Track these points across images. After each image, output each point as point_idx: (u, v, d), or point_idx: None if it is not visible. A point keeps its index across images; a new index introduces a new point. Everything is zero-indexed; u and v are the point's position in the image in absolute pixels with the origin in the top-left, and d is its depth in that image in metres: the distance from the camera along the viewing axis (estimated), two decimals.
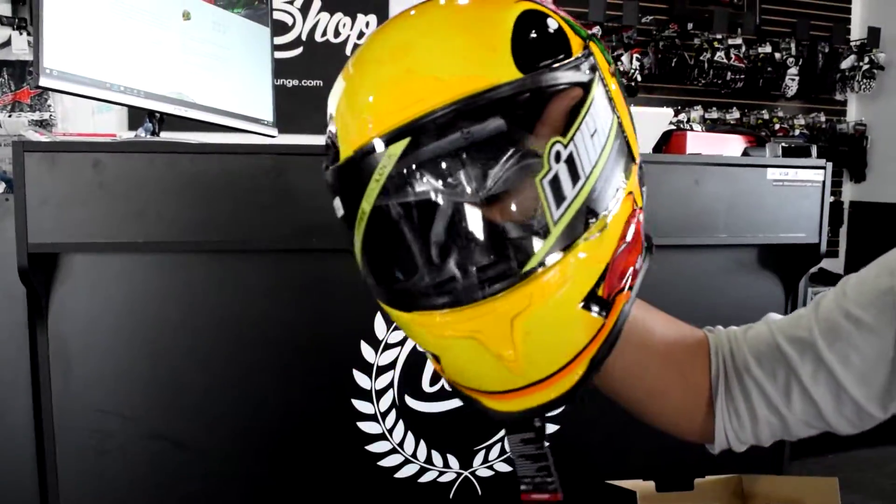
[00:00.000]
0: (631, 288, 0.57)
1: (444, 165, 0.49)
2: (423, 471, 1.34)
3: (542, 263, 0.49)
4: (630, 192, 0.56)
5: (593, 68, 0.53)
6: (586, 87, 0.52)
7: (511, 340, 0.50)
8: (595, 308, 0.53)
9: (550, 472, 0.59)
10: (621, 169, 0.55)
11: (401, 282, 0.54)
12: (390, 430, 1.32)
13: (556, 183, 0.49)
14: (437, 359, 0.57)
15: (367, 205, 0.51)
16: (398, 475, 1.33)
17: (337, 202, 0.55)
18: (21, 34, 3.11)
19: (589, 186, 0.51)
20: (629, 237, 0.55)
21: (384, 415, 1.31)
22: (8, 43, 3.14)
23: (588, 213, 0.51)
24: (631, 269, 0.56)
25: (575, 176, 0.50)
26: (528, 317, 0.50)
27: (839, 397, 0.65)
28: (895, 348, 0.63)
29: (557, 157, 0.49)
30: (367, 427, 1.30)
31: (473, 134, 0.48)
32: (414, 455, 1.33)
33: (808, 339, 0.67)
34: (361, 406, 1.30)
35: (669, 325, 0.74)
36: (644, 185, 0.59)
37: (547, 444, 0.59)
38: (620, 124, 0.56)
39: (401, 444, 1.32)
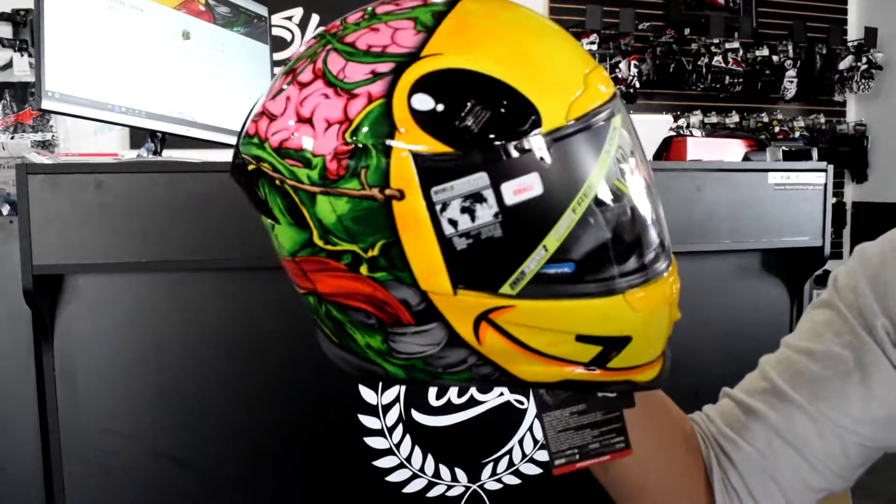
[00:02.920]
0: None
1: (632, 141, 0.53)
2: (431, 485, 1.34)
3: None
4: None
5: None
6: None
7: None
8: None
9: (621, 430, 0.60)
10: None
11: (624, 262, 0.52)
12: (397, 445, 1.31)
13: None
14: (613, 347, 0.53)
15: (595, 179, 0.48)
16: (406, 490, 1.32)
17: (534, 178, 0.46)
18: (22, 56, 3.13)
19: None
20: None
21: (391, 430, 1.31)
22: (10, 65, 3.16)
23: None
24: None
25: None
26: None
27: (821, 433, 0.63)
28: (853, 356, 0.62)
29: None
30: (374, 442, 1.30)
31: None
32: (422, 469, 1.33)
33: (770, 387, 0.66)
34: (368, 421, 1.29)
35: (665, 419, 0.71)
36: None
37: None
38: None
39: (408, 459, 1.32)
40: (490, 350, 0.52)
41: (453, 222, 0.46)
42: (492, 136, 0.45)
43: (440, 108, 0.46)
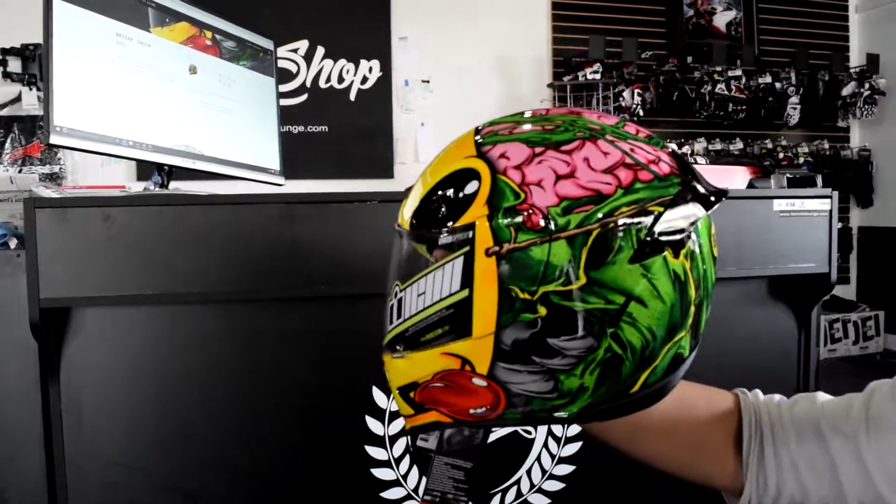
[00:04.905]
0: (459, 420, 0.66)
1: None
2: None
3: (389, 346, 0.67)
4: (455, 355, 0.61)
5: (463, 242, 0.58)
6: (455, 251, 0.59)
7: None
8: (407, 401, 0.67)
9: (468, 492, 0.73)
10: (444, 334, 0.61)
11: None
12: (404, 476, 1.30)
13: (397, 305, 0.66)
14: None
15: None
16: None
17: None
18: (31, 90, 3.18)
19: (403, 326, 0.64)
20: (441, 384, 0.63)
21: (398, 460, 1.30)
22: (18, 99, 3.21)
23: (401, 340, 0.65)
24: (464, 407, 0.64)
25: (400, 313, 0.65)
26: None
27: (867, 489, 0.66)
28: None
29: (395, 294, 0.66)
30: (382, 474, 1.29)
31: None
32: None
33: (852, 434, 0.67)
34: (375, 452, 1.28)
35: (697, 388, 0.79)
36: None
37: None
38: (468, 301, 0.58)
39: (416, 490, 1.31)
40: None
41: None
42: None
43: None
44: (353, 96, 3.68)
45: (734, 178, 1.70)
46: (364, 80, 3.69)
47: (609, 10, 4.11)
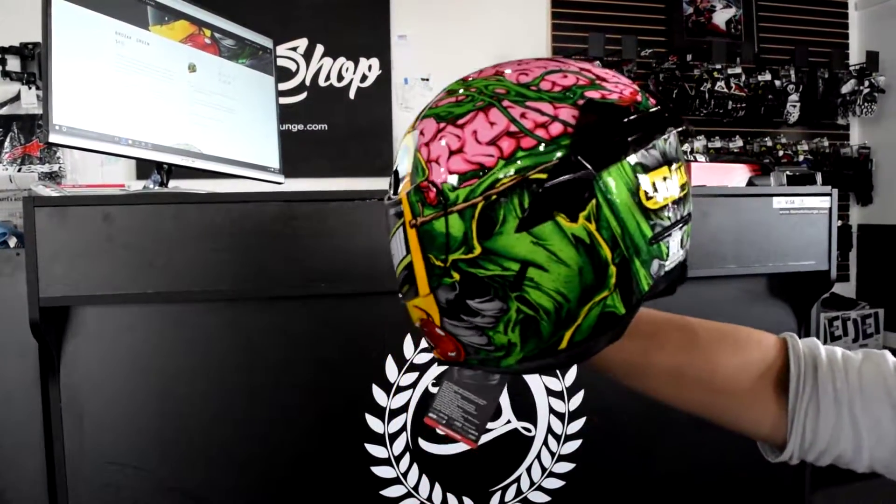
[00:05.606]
0: (445, 360, 0.71)
1: None
2: None
3: None
4: (419, 307, 0.67)
5: (399, 214, 0.65)
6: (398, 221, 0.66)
7: None
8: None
9: (479, 428, 0.76)
10: (408, 290, 0.67)
11: None
12: (405, 474, 1.30)
13: None
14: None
15: None
16: None
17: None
18: (30, 89, 3.17)
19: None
20: (426, 328, 0.69)
21: (398, 458, 1.30)
22: (17, 97, 3.20)
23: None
24: (443, 350, 0.70)
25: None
26: None
27: None
28: None
29: None
30: (381, 472, 1.29)
31: None
32: (429, 499, 1.32)
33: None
34: (375, 450, 1.29)
35: (724, 331, 0.76)
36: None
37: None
38: (410, 264, 0.64)
39: (416, 488, 1.31)
40: None
41: None
42: None
43: None
44: (352, 94, 3.67)
45: (734, 175, 1.70)
46: (363, 78, 3.68)
47: (609, 7, 4.10)
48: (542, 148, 0.58)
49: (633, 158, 0.59)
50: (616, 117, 0.60)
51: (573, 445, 1.38)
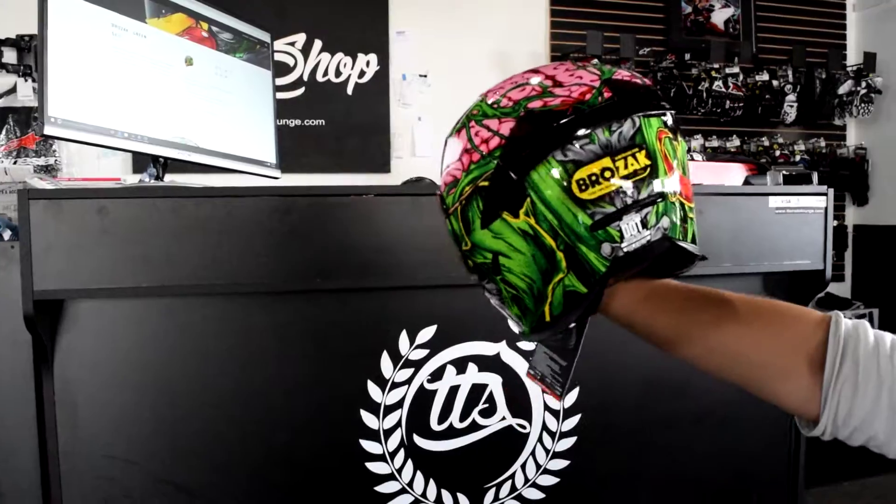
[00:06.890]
0: None
1: None
2: None
3: None
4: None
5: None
6: None
7: None
8: None
9: (563, 384, 0.82)
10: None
11: None
12: (399, 470, 1.30)
13: None
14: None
15: None
16: None
17: None
18: (26, 81, 3.16)
19: None
20: None
21: (392, 455, 1.30)
22: (13, 90, 3.19)
23: None
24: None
25: None
26: None
27: None
28: None
29: None
30: (376, 467, 1.29)
31: None
32: (424, 495, 1.32)
33: None
34: (369, 446, 1.28)
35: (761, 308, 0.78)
36: None
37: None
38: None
39: (410, 484, 1.31)
40: None
41: None
42: None
43: None
44: (350, 90, 3.67)
45: (730, 175, 1.71)
46: (361, 73, 3.67)
47: (607, 5, 4.10)
48: (483, 160, 0.70)
49: (559, 157, 0.66)
50: (545, 124, 0.68)
51: (568, 442, 1.38)
